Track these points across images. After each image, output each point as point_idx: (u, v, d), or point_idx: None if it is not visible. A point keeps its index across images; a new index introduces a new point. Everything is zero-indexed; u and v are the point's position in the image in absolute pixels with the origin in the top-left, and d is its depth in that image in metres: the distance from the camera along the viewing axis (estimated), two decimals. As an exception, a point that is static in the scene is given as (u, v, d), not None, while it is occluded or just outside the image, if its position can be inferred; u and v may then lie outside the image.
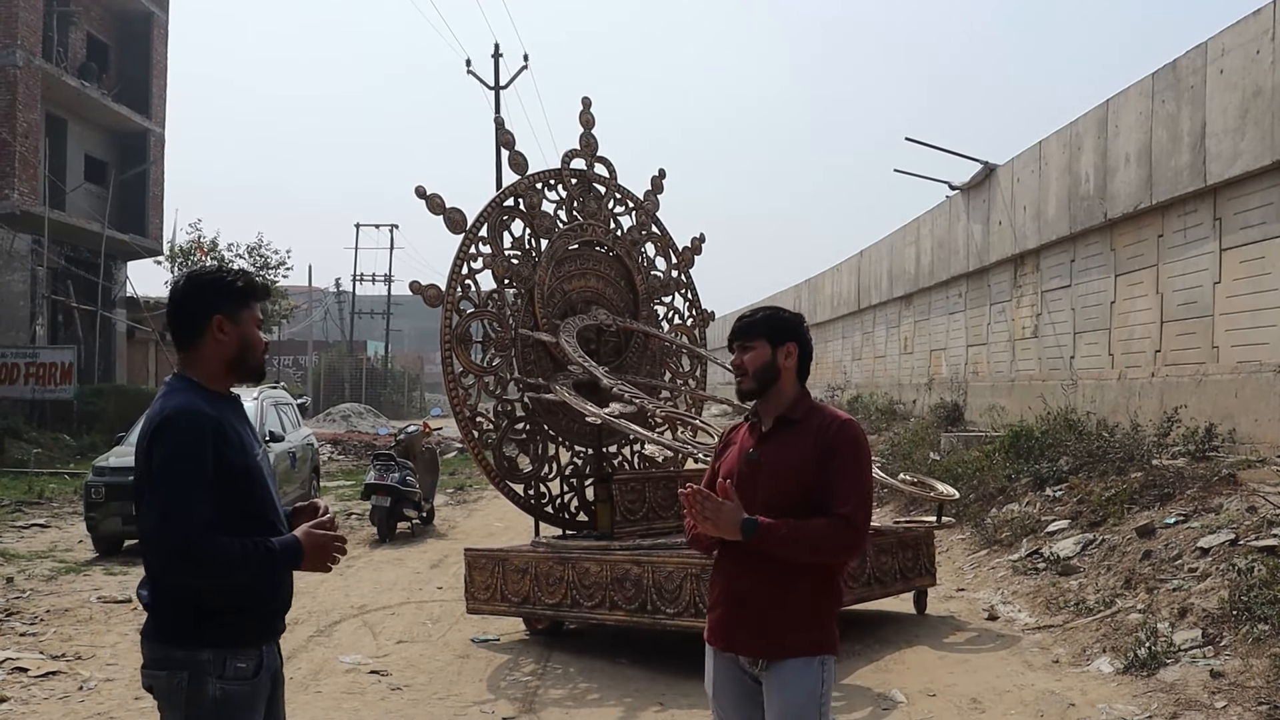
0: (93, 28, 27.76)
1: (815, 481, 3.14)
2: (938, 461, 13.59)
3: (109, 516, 11.56)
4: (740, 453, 3.31)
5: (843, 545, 3.13)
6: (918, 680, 6.48)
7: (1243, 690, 5.63)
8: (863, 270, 25.79)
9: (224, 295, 2.95)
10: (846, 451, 3.16)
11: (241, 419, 2.99)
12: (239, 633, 2.84)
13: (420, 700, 6.34)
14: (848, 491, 3.12)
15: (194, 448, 2.76)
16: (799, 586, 3.15)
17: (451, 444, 23.19)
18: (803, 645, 3.15)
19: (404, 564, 11.13)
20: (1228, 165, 10.59)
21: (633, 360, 9.05)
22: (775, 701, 3.13)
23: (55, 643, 7.69)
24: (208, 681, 2.78)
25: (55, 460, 19.84)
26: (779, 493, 3.15)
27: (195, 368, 2.96)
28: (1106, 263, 13.44)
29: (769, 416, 3.30)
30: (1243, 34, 10.40)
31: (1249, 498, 8.15)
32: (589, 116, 9.25)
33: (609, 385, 7.87)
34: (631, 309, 9.17)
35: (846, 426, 3.21)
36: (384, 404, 46.74)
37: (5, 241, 22.72)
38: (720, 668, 3.27)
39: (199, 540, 2.69)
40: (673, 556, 6.74)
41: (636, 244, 9.39)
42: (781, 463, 3.19)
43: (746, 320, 3.36)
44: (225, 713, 2.80)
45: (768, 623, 3.15)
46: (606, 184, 9.23)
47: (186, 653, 2.80)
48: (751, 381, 3.29)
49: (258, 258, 32.45)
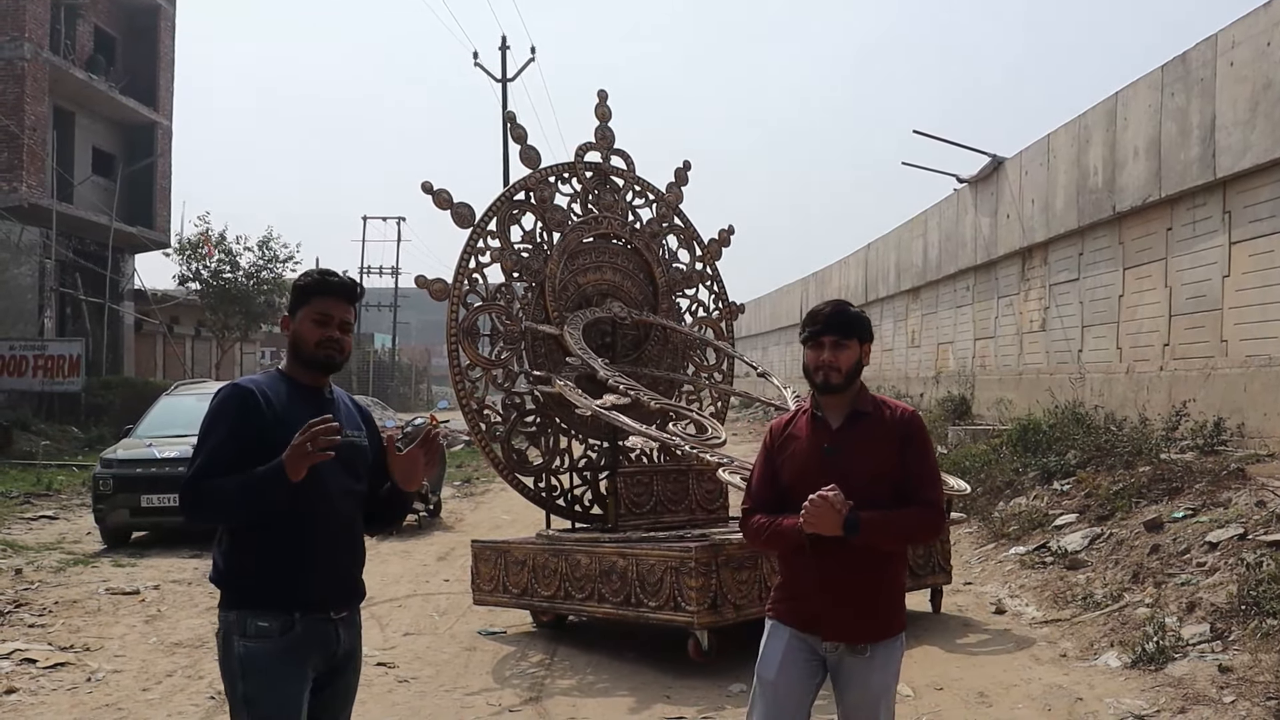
0: (100, 20, 27.79)
1: (895, 471, 3.35)
2: (945, 455, 13.57)
3: (116, 508, 11.61)
4: (812, 448, 3.41)
5: (932, 528, 3.44)
6: (925, 674, 6.47)
7: (1251, 685, 5.62)
8: (870, 263, 25.75)
9: (292, 295, 3.31)
10: (920, 440, 3.41)
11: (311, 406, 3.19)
12: (259, 595, 3.13)
13: (427, 692, 6.35)
14: (927, 477, 3.40)
15: (216, 418, 3.14)
16: (890, 569, 3.41)
17: (458, 436, 23.19)
18: (899, 624, 3.43)
19: (411, 556, 11.14)
20: (1237, 158, 10.55)
21: (653, 353, 9.01)
22: (872, 679, 3.35)
23: (63, 634, 7.71)
24: (234, 639, 3.12)
25: (63, 452, 19.91)
26: (863, 483, 3.28)
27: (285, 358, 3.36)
28: (1115, 256, 13.40)
29: (838, 410, 3.44)
30: (1253, 26, 10.35)
31: (1258, 492, 8.12)
32: (605, 110, 9.19)
33: (605, 377, 7.84)
34: (651, 302, 9.11)
35: (916, 417, 3.46)
36: (391, 396, 46.82)
37: (14, 234, 22.77)
38: (793, 648, 3.41)
39: (193, 485, 3.06)
40: (654, 549, 6.69)
41: (656, 236, 9.32)
42: (864, 454, 3.35)
43: (841, 316, 3.43)
44: (249, 668, 3.09)
45: (872, 607, 3.35)
46: (625, 176, 9.19)
47: (224, 614, 3.17)
48: (843, 378, 3.40)
49: (265, 250, 32.44)
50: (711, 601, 6.41)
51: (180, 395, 14.12)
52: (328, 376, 3.32)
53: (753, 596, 6.50)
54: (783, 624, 3.44)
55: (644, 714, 5.90)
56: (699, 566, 6.38)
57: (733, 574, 6.48)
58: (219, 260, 31.58)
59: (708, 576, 6.41)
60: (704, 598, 6.38)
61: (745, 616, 6.46)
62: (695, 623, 6.41)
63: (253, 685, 3.08)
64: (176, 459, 11.77)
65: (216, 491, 3.03)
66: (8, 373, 22.03)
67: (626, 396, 7.71)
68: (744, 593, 6.53)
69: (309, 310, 3.23)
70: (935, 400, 19.32)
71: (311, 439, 2.96)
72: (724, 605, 6.45)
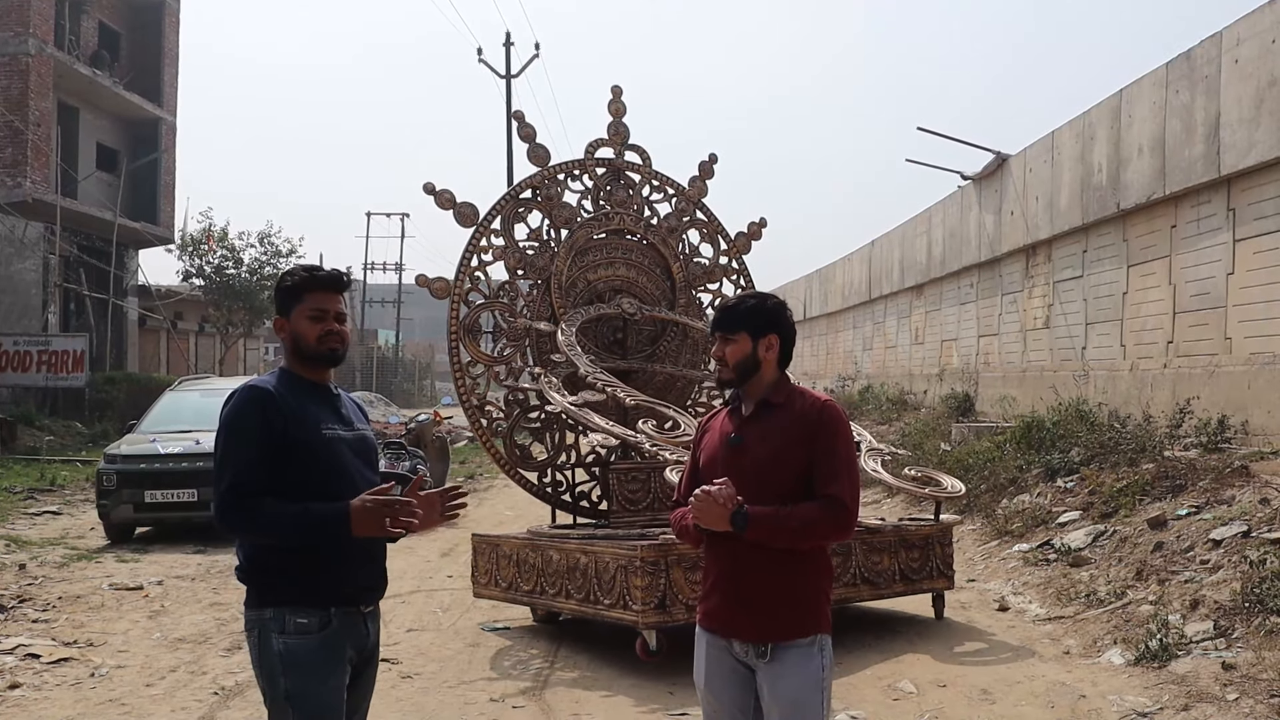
0: (104, 16, 27.81)
1: (801, 463, 3.13)
2: (948, 452, 13.56)
3: (120, 504, 11.62)
4: (721, 438, 3.29)
5: (835, 526, 3.13)
6: (928, 671, 6.47)
7: (1255, 683, 5.61)
8: (874, 260, 25.71)
9: (280, 296, 3.28)
10: (830, 431, 3.15)
11: (320, 401, 3.27)
12: (298, 593, 3.12)
13: (430, 688, 6.36)
14: (835, 471, 3.12)
15: (238, 420, 3.12)
16: (796, 568, 3.15)
17: (462, 432, 23.20)
18: (802, 627, 3.14)
19: (414, 552, 11.14)
20: (1242, 156, 10.52)
21: (670, 348, 8.98)
22: (779, 687, 3.12)
23: (67, 629, 7.72)
24: (272, 637, 3.11)
25: (67, 448, 19.94)
26: (764, 476, 3.13)
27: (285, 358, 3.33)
28: (1119, 253, 13.38)
29: (751, 401, 3.28)
30: (1258, 23, 10.32)
31: (1261, 489, 8.11)
32: (619, 105, 9.15)
33: (585, 374, 7.83)
34: (669, 297, 9.06)
35: (828, 407, 3.20)
36: (395, 392, 46.84)
37: (17, 229, 22.78)
38: (713, 656, 3.26)
39: (235, 495, 3.04)
40: (610, 546, 6.66)
41: (674, 231, 9.26)
42: (766, 446, 3.17)
43: (728, 311, 3.31)
44: (289, 664, 3.09)
45: (768, 607, 3.14)
46: (641, 171, 9.15)
47: (256, 613, 3.15)
48: (732, 373, 3.27)
49: (268, 246, 32.46)
50: (659, 601, 6.36)
51: (184, 391, 14.14)
52: (330, 370, 3.34)
53: None
54: (700, 628, 3.32)
55: (646, 710, 5.90)
56: (644, 565, 6.36)
57: (685, 574, 6.38)
58: (222, 255, 31.61)
59: (655, 575, 6.36)
60: (650, 596, 6.35)
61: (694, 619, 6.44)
62: (640, 622, 6.39)
63: (296, 681, 3.09)
64: (180, 454, 11.79)
65: (270, 514, 3.04)
66: (12, 368, 22.05)
67: (602, 394, 7.69)
68: (699, 593, 6.48)
69: (303, 308, 3.23)
70: (939, 397, 19.30)
71: (393, 515, 3.07)
72: (674, 605, 6.38)
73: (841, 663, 6.57)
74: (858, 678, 6.36)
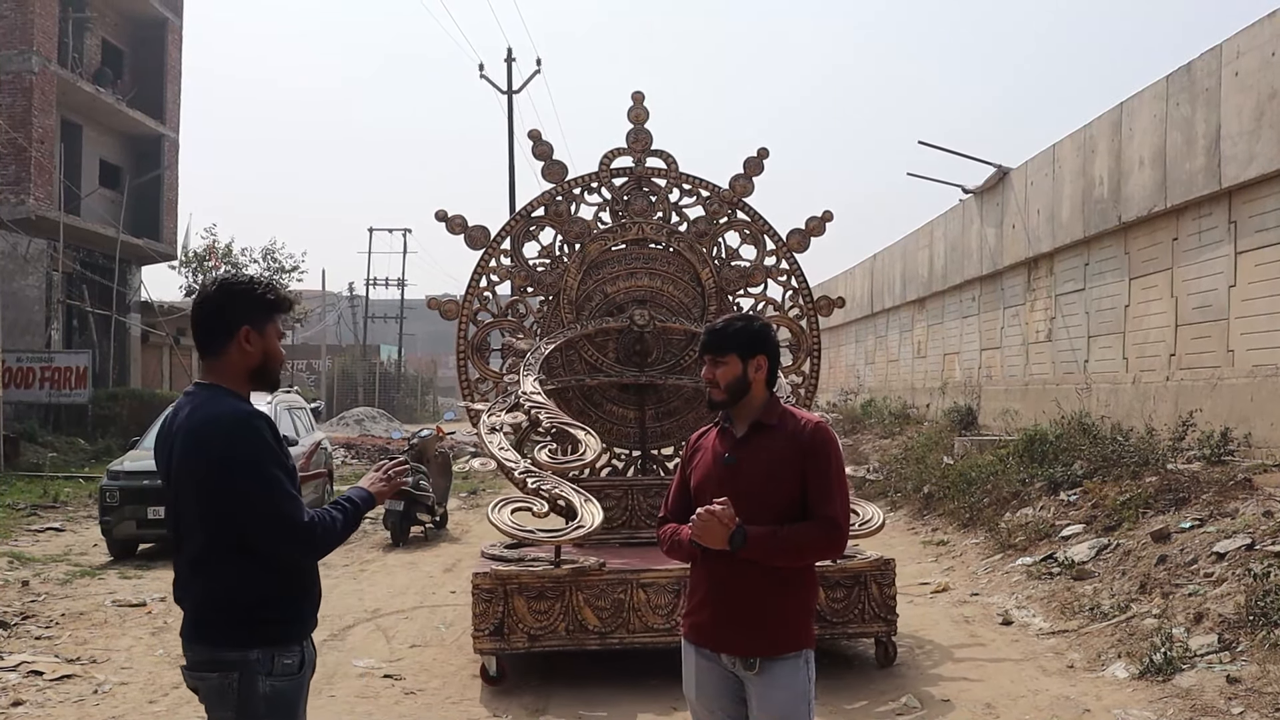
0: (107, 33, 27.90)
1: (794, 484, 3.23)
2: (951, 465, 13.56)
3: (123, 520, 11.61)
4: (714, 458, 3.37)
5: (829, 545, 3.25)
6: (932, 685, 6.46)
7: (1260, 696, 5.60)
8: (876, 273, 25.75)
9: (253, 306, 3.02)
10: (823, 453, 3.26)
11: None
12: (284, 631, 2.99)
13: (434, 704, 6.35)
14: (829, 492, 3.23)
15: (265, 450, 2.91)
16: (784, 586, 3.24)
17: (464, 448, 23.21)
18: (793, 642, 3.24)
19: (417, 568, 11.14)
20: (1243, 168, 10.55)
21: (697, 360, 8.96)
22: (770, 698, 3.22)
23: (70, 646, 7.72)
24: (258, 680, 2.91)
25: (70, 464, 19.92)
26: (758, 496, 3.22)
27: (219, 375, 3.03)
28: (1120, 266, 13.40)
29: (743, 422, 3.37)
30: (1258, 36, 10.35)
31: (1265, 502, 8.11)
32: (640, 111, 9.10)
33: (520, 397, 7.77)
34: (700, 304, 8.97)
35: (820, 429, 3.31)
36: (397, 408, 46.81)
37: (21, 246, 22.84)
38: (702, 668, 3.34)
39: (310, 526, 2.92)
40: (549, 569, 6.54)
41: (704, 235, 9.11)
42: (759, 467, 3.26)
43: (716, 333, 3.39)
44: (275, 708, 2.94)
45: (757, 622, 3.22)
46: (668, 175, 9.06)
47: (238, 653, 2.91)
48: (723, 394, 3.36)
49: (271, 261, 32.58)
50: (495, 628, 6.34)
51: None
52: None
53: (555, 628, 6.39)
54: (688, 641, 3.40)
55: (650, 726, 5.89)
56: (479, 593, 6.37)
57: (529, 603, 6.34)
58: (225, 271, 31.69)
59: (490, 603, 6.35)
60: (485, 624, 6.35)
61: (542, 648, 6.42)
62: (474, 647, 6.44)
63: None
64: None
65: (333, 529, 3.00)
66: (15, 384, 22.06)
67: (525, 416, 7.66)
68: (543, 623, 6.38)
69: (273, 327, 3.07)
70: (942, 411, 19.30)
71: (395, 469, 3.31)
72: (514, 634, 6.34)
73: (844, 677, 6.57)
74: (861, 692, 6.35)
